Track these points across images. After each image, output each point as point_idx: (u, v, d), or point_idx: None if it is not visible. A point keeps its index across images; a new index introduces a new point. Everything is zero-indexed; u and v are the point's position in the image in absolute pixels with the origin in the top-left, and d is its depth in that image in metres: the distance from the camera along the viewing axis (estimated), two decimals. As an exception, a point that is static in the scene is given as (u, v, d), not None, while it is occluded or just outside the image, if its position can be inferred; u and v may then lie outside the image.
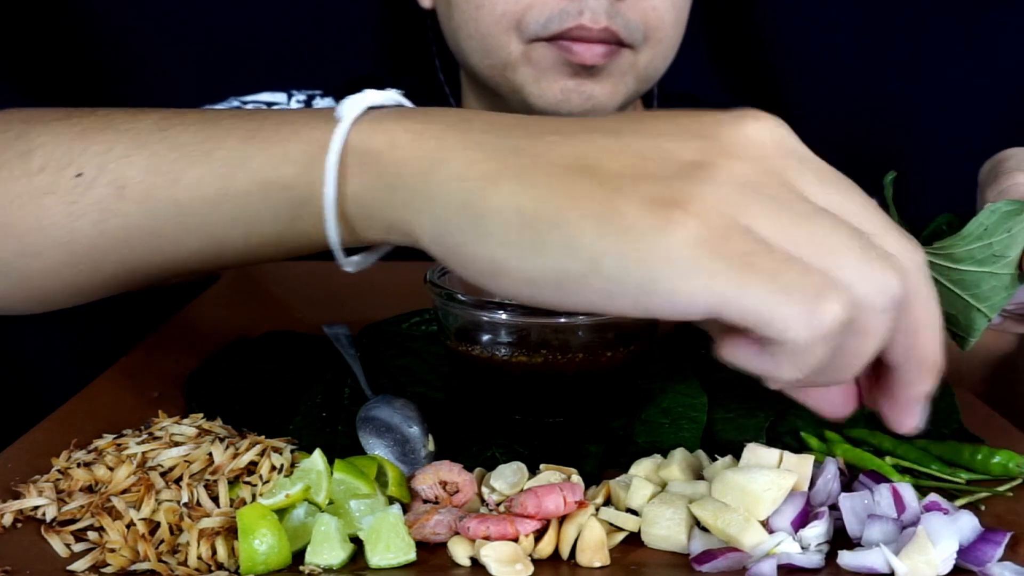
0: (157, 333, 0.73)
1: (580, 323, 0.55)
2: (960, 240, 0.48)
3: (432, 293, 0.58)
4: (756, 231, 0.37)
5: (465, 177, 0.41)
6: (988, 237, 0.47)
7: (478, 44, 0.88)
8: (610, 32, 0.82)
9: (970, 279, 0.48)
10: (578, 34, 0.82)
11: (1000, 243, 0.47)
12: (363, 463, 0.48)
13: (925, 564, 0.41)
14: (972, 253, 0.48)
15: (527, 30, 0.84)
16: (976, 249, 0.47)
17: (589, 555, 0.44)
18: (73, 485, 0.49)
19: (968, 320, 0.50)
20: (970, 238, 0.47)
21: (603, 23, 0.82)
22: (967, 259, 0.48)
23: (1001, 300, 0.49)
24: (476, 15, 0.86)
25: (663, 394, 0.59)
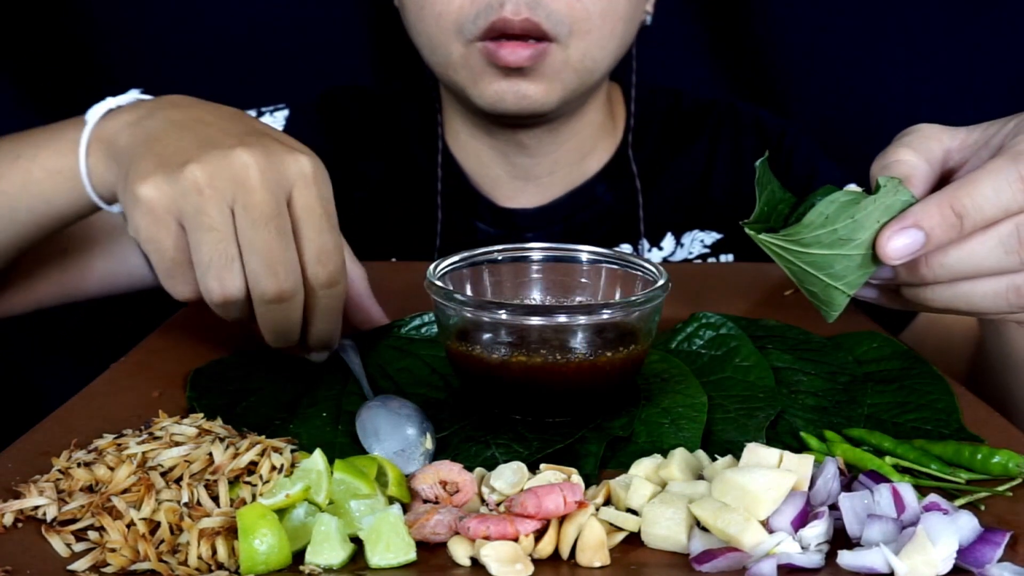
0: (157, 333, 0.73)
1: (580, 323, 0.55)
2: (804, 228, 0.50)
3: (432, 293, 0.58)
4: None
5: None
6: (831, 224, 0.50)
7: (425, 43, 0.91)
8: (532, 23, 0.83)
9: (823, 261, 0.51)
10: (502, 27, 0.84)
11: (845, 228, 0.50)
12: (363, 463, 0.48)
13: (925, 564, 0.41)
14: (819, 239, 0.51)
15: (464, 31, 0.86)
16: (822, 235, 0.50)
17: (589, 555, 0.44)
18: (73, 485, 0.49)
19: (828, 296, 0.53)
20: (813, 226, 0.50)
21: (524, 14, 0.83)
22: (815, 244, 0.51)
23: (858, 278, 0.52)
24: (419, 15, 0.89)
25: (663, 394, 0.59)
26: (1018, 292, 0.51)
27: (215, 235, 0.56)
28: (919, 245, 0.49)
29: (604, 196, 1.00)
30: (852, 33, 1.17)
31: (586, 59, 0.88)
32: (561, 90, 0.89)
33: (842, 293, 0.52)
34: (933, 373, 0.63)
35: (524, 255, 0.65)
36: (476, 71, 0.87)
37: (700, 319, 0.69)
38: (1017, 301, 0.51)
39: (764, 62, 1.20)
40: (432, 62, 0.92)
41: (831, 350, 0.66)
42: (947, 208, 0.49)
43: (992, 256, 0.50)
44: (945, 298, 0.52)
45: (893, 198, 0.50)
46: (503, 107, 0.88)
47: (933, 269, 0.51)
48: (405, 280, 0.75)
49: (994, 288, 0.51)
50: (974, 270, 0.51)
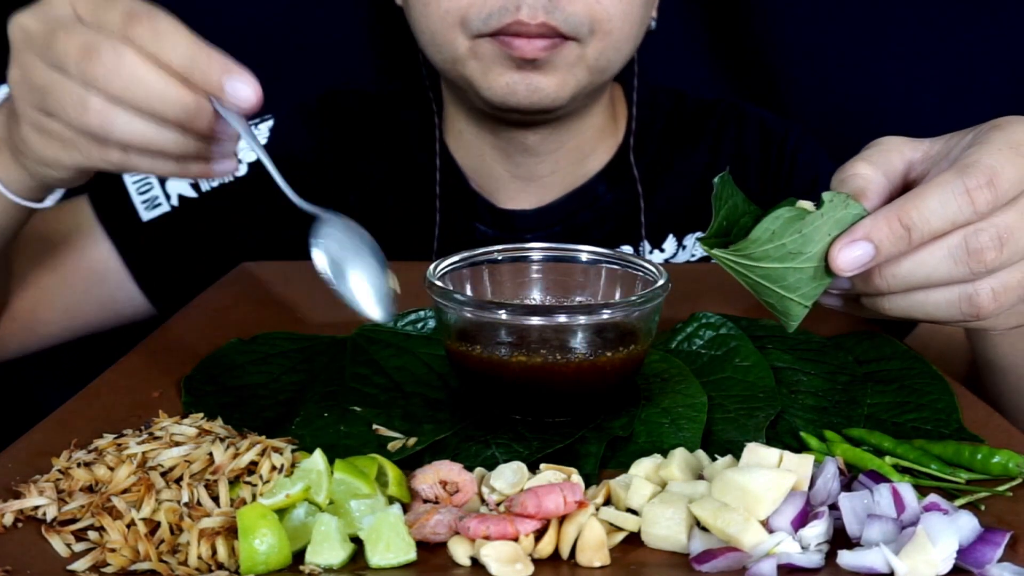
0: (157, 333, 0.73)
1: (580, 323, 0.55)
2: (752, 243, 0.51)
3: (432, 293, 0.58)
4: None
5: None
6: (778, 239, 0.51)
7: (429, 40, 0.90)
8: (549, 27, 0.83)
9: (775, 274, 0.52)
10: (516, 29, 0.83)
11: (793, 243, 0.51)
12: (363, 463, 0.48)
13: (925, 564, 0.41)
14: (768, 253, 0.52)
15: (470, 26, 0.85)
16: (771, 249, 0.52)
17: (589, 555, 0.44)
18: (73, 485, 0.49)
19: (785, 307, 0.54)
20: (760, 241, 0.51)
21: (540, 18, 0.83)
22: (765, 258, 0.52)
23: (813, 289, 0.53)
24: (424, 12, 0.88)
25: (663, 394, 0.59)
26: (970, 301, 0.52)
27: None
28: (869, 257, 0.51)
29: (605, 196, 1.00)
30: (852, 33, 1.17)
31: (601, 59, 0.88)
32: (574, 85, 0.88)
33: (799, 304, 0.53)
34: (933, 373, 0.63)
35: (524, 255, 0.66)
36: (486, 61, 0.86)
37: (700, 319, 0.69)
38: (969, 310, 0.52)
39: (764, 62, 1.20)
40: (437, 59, 0.91)
41: (831, 350, 0.66)
42: (895, 221, 0.50)
43: (942, 266, 0.51)
44: (901, 307, 0.54)
45: (844, 212, 0.51)
46: (514, 100, 0.87)
47: (886, 279, 0.52)
48: (405, 280, 0.75)
49: (947, 297, 0.52)
50: (926, 280, 0.52)
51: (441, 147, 1.01)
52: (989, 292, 0.52)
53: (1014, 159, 0.52)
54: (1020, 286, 0.53)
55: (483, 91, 0.88)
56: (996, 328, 0.58)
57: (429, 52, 0.92)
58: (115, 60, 0.54)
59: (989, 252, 0.51)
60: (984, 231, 0.51)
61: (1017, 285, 0.52)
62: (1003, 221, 0.51)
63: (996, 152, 0.52)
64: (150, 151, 0.57)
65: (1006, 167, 0.51)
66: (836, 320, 0.73)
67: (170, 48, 0.54)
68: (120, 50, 0.54)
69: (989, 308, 0.52)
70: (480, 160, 1.00)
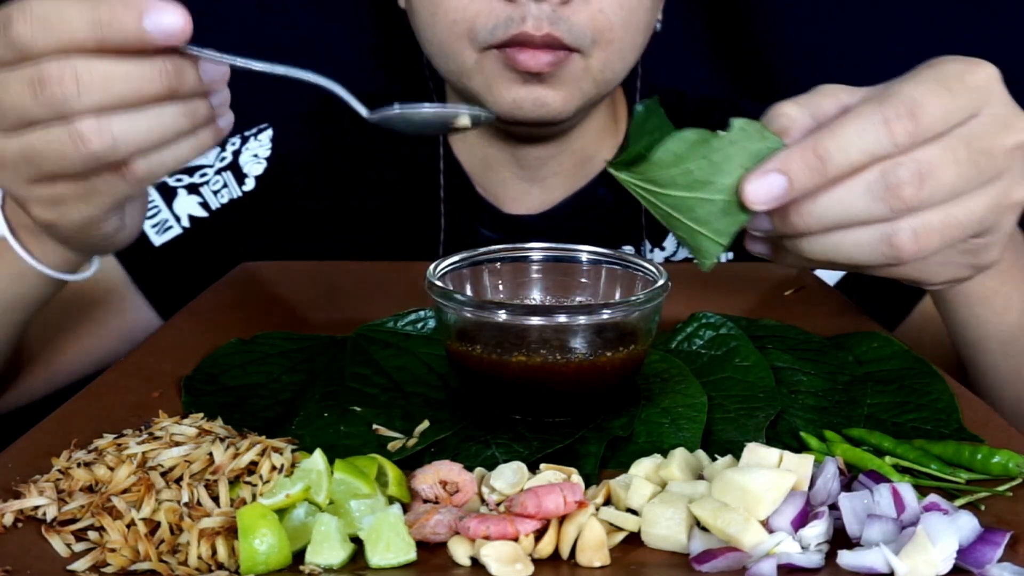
0: (157, 333, 0.73)
1: (580, 323, 0.55)
2: (654, 166, 0.48)
3: (432, 293, 0.58)
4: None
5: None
6: (683, 163, 0.48)
7: (437, 50, 0.89)
8: (553, 38, 0.82)
9: (683, 204, 0.49)
10: (522, 40, 0.82)
11: (700, 170, 0.48)
12: (363, 463, 0.48)
13: (925, 564, 0.41)
14: (674, 179, 0.48)
15: (478, 38, 0.84)
16: (676, 175, 0.48)
17: (589, 555, 0.44)
18: (73, 485, 0.49)
19: (697, 243, 0.51)
20: (663, 163, 0.48)
21: (546, 29, 0.82)
22: (671, 184, 0.49)
23: (727, 225, 0.50)
24: (432, 22, 0.87)
25: (663, 394, 0.59)
26: (889, 242, 0.50)
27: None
28: (782, 190, 0.48)
29: (606, 197, 1.00)
30: (852, 33, 1.17)
31: (606, 70, 0.87)
32: (580, 98, 0.88)
33: (712, 242, 0.50)
34: (933, 373, 0.63)
35: (524, 255, 0.66)
36: (492, 76, 0.86)
37: (700, 319, 0.69)
38: (889, 251, 0.50)
39: (764, 62, 1.20)
40: (444, 69, 0.91)
41: (831, 350, 0.66)
42: (810, 152, 0.48)
43: (860, 202, 0.49)
44: (821, 249, 0.51)
45: (760, 144, 0.49)
46: (521, 115, 0.87)
47: (804, 217, 0.50)
48: (405, 280, 0.75)
49: (867, 238, 0.50)
50: (844, 218, 0.50)
51: (445, 149, 1.01)
52: (909, 232, 0.49)
53: (940, 92, 0.49)
54: (944, 229, 0.50)
55: (489, 105, 0.88)
56: (930, 282, 0.56)
57: (436, 62, 0.91)
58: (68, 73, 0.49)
59: (908, 187, 0.48)
60: (903, 165, 0.48)
61: (941, 227, 0.50)
62: (924, 156, 0.49)
63: (921, 85, 0.50)
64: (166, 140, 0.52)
65: (930, 100, 0.49)
66: (836, 320, 0.73)
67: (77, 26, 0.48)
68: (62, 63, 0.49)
69: (909, 250, 0.50)
70: (484, 162, 1.00)
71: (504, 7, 0.82)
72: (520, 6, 0.82)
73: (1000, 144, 0.51)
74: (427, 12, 0.87)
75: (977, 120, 0.51)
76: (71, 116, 0.49)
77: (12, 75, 0.49)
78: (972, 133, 0.50)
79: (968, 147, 0.50)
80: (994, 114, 0.51)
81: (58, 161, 0.51)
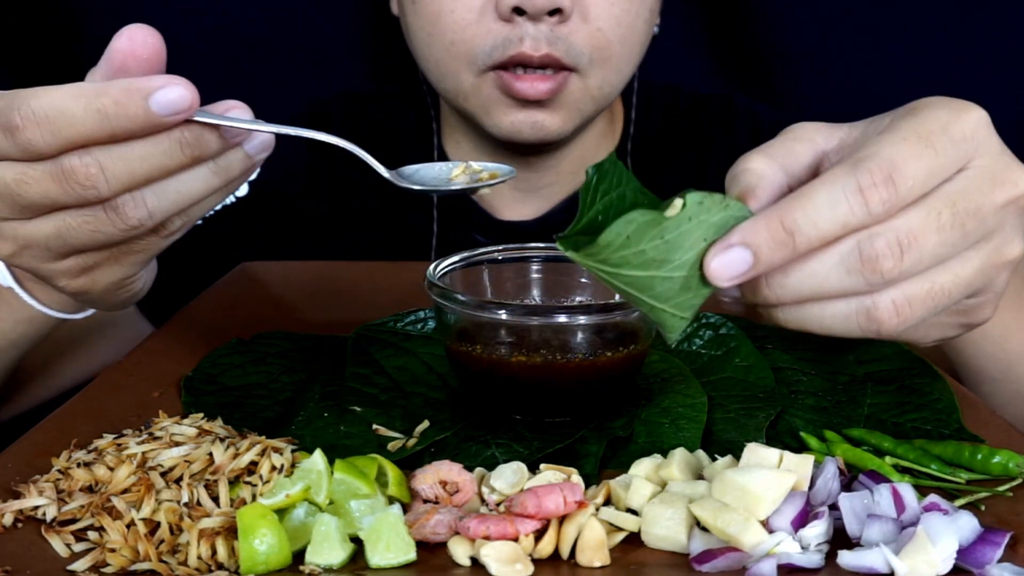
0: (157, 333, 0.73)
1: (580, 323, 0.55)
2: (603, 248, 0.44)
3: (432, 293, 0.58)
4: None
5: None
6: (635, 245, 0.44)
7: (433, 68, 0.88)
8: (552, 58, 0.81)
9: (640, 283, 0.45)
10: (520, 61, 0.82)
11: (655, 250, 0.44)
12: (363, 463, 0.48)
13: (925, 564, 0.41)
14: (626, 259, 0.44)
15: (476, 61, 0.83)
16: (629, 256, 0.44)
17: (589, 555, 0.44)
18: (73, 485, 0.48)
19: (660, 319, 0.47)
20: (613, 246, 0.43)
21: (544, 50, 0.81)
22: (624, 264, 0.44)
23: (689, 300, 0.46)
24: (428, 42, 0.86)
25: (663, 394, 0.59)
26: (868, 315, 0.45)
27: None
28: (747, 266, 0.44)
29: None
30: (851, 31, 1.17)
31: (604, 86, 0.87)
32: (579, 118, 0.87)
33: (676, 317, 0.46)
34: (933, 373, 0.63)
35: (524, 255, 0.66)
36: (490, 100, 0.85)
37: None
38: (868, 325, 0.46)
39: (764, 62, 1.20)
40: (440, 88, 0.90)
41: (831, 350, 0.66)
42: (777, 224, 0.43)
43: (834, 276, 0.44)
44: (796, 319, 0.47)
45: (722, 214, 0.44)
46: (519, 138, 0.86)
47: (774, 290, 0.45)
48: (405, 280, 0.75)
49: (844, 311, 0.46)
50: (818, 291, 0.45)
51: (439, 154, 1.00)
52: (890, 306, 0.45)
53: (920, 152, 0.44)
54: (929, 298, 0.45)
55: (488, 127, 0.87)
56: (918, 343, 0.52)
57: (432, 79, 0.90)
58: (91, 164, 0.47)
59: (886, 260, 0.43)
60: (880, 236, 0.43)
61: (925, 297, 0.45)
62: (904, 225, 0.44)
63: (900, 143, 0.44)
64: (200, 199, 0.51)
65: (909, 161, 0.44)
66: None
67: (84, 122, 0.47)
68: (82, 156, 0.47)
69: (890, 324, 0.45)
70: None
71: (502, 28, 0.82)
72: (518, 26, 0.81)
73: (990, 202, 0.46)
74: (424, 32, 0.86)
75: (963, 175, 0.46)
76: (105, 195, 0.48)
77: (33, 170, 0.48)
78: (957, 192, 0.45)
79: (953, 209, 0.45)
80: (983, 167, 0.46)
81: (95, 236, 0.50)
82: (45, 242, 0.51)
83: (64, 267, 0.52)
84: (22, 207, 0.49)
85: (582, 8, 0.83)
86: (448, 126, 1.01)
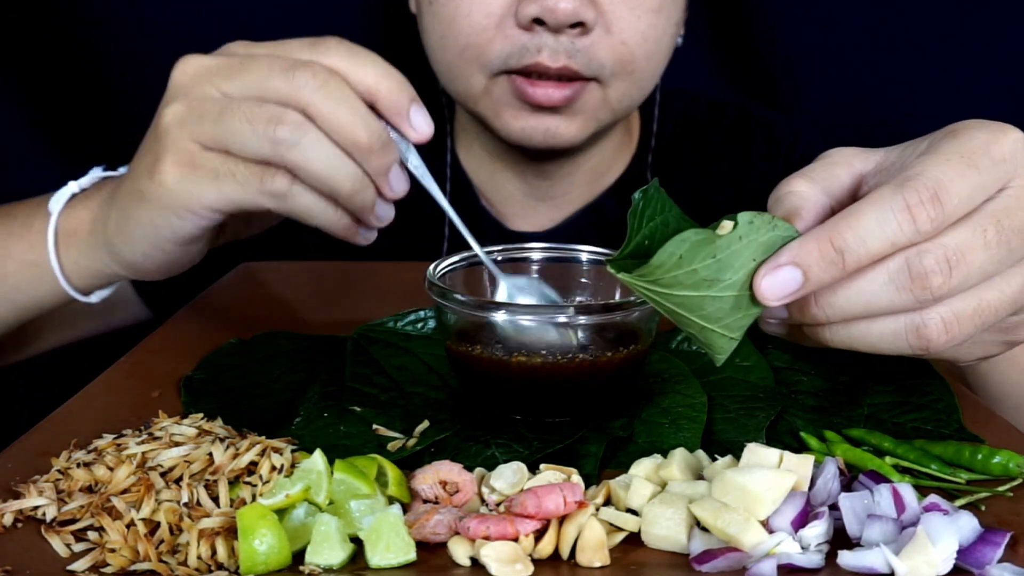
0: (157, 333, 0.73)
1: (580, 323, 0.55)
2: (656, 269, 0.45)
3: (432, 293, 0.58)
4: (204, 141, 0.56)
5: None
6: (687, 265, 0.45)
7: (445, 71, 0.87)
8: (570, 70, 0.79)
9: (691, 303, 0.46)
10: (536, 70, 0.80)
11: (707, 269, 0.45)
12: (363, 463, 0.48)
13: (925, 564, 0.41)
14: (678, 279, 0.45)
15: (489, 65, 0.81)
16: (681, 276, 0.45)
17: (589, 555, 0.44)
18: (73, 485, 0.48)
19: (709, 339, 0.48)
20: (666, 266, 0.45)
21: (563, 62, 0.79)
22: (676, 285, 0.46)
23: (738, 320, 0.47)
24: (441, 44, 0.84)
25: (663, 394, 0.59)
26: (917, 333, 0.46)
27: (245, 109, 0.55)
28: (797, 284, 0.45)
29: (613, 212, 0.97)
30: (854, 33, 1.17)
31: (624, 99, 0.85)
32: (595, 126, 0.85)
33: (724, 336, 0.47)
34: (933, 373, 0.63)
35: (524, 255, 0.65)
36: (501, 103, 0.83)
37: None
38: (917, 343, 0.47)
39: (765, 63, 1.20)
40: (452, 90, 0.88)
41: (831, 350, 0.66)
42: (826, 243, 0.45)
43: (883, 294, 0.46)
44: (843, 338, 0.48)
45: (771, 234, 0.46)
46: (530, 143, 0.84)
47: (823, 309, 0.47)
48: (405, 280, 0.75)
49: (892, 328, 0.47)
50: (867, 309, 0.46)
51: (452, 158, 0.98)
52: (939, 323, 0.46)
53: (964, 171, 0.46)
54: (976, 315, 0.47)
55: (497, 130, 0.86)
56: (960, 360, 0.53)
57: (443, 82, 0.89)
58: (323, 77, 0.53)
59: (935, 277, 0.45)
60: (929, 253, 0.45)
61: (973, 314, 0.46)
62: (952, 242, 0.45)
63: (943, 163, 0.46)
64: (320, 184, 0.55)
65: (954, 180, 0.45)
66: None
67: (363, 68, 0.54)
68: (325, 71, 0.54)
69: (939, 341, 0.47)
70: (491, 177, 0.97)
71: (519, 35, 0.79)
72: (537, 36, 0.79)
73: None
74: (436, 34, 0.84)
75: (1005, 194, 0.47)
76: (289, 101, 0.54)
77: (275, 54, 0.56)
78: (1001, 210, 0.46)
79: (998, 226, 0.46)
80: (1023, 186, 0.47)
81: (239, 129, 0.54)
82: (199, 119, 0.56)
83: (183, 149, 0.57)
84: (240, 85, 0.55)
85: (606, 21, 0.81)
86: (462, 131, 0.99)
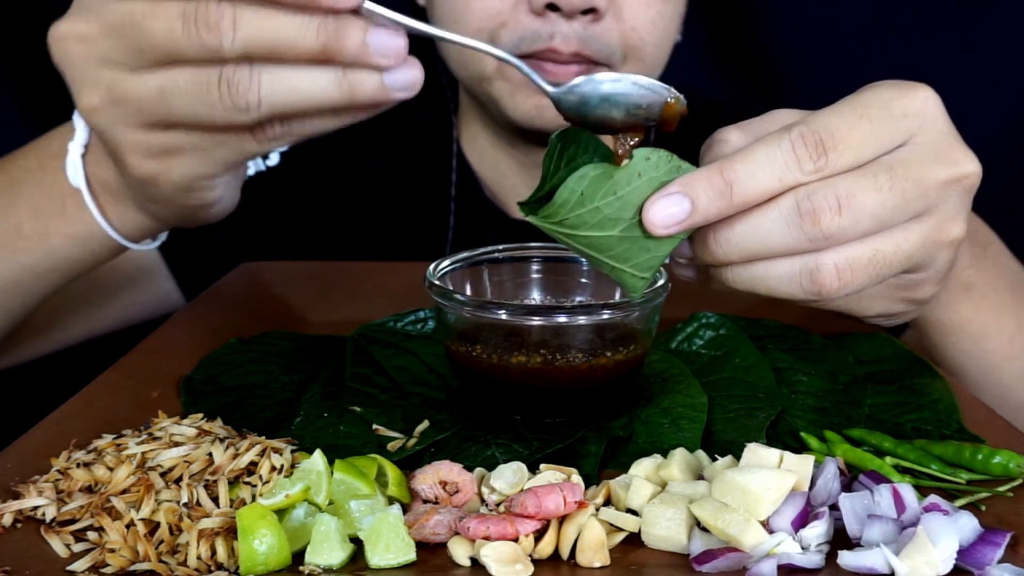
0: (157, 333, 0.73)
1: (580, 323, 0.55)
2: (559, 208, 0.45)
3: (432, 293, 0.58)
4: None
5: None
6: (589, 203, 0.45)
7: (456, 55, 0.88)
8: (582, 56, 0.81)
9: (599, 243, 0.46)
10: (548, 56, 0.81)
11: (609, 207, 0.45)
12: (363, 463, 0.48)
13: (925, 564, 0.41)
14: (583, 219, 0.45)
15: (501, 47, 0.83)
16: (585, 215, 0.45)
17: (589, 555, 0.44)
18: (73, 485, 0.48)
19: (621, 279, 0.48)
20: (569, 204, 0.45)
21: (574, 47, 0.80)
22: (582, 225, 0.46)
23: (648, 260, 0.47)
24: (453, 29, 0.84)
25: (663, 394, 0.59)
26: (811, 277, 0.47)
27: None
28: (684, 213, 0.46)
29: None
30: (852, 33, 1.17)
31: None
32: None
33: (636, 277, 0.48)
34: (933, 373, 0.63)
35: (524, 255, 0.66)
36: (515, 83, 0.84)
37: (700, 319, 0.69)
38: (810, 287, 0.48)
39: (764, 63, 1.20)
40: (463, 75, 0.89)
41: (831, 350, 0.66)
42: (716, 174, 0.46)
43: (776, 230, 0.46)
44: (744, 280, 0.49)
45: (673, 175, 0.46)
46: (540, 123, 0.85)
47: (721, 245, 0.48)
48: (405, 280, 0.75)
49: (788, 271, 0.48)
50: (763, 247, 0.47)
51: (457, 150, 0.99)
52: (832, 269, 0.47)
53: (855, 122, 0.47)
54: (871, 265, 0.48)
55: (508, 111, 0.86)
56: (861, 314, 0.53)
57: (454, 67, 0.90)
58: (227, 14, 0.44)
59: (824, 214, 0.46)
60: (817, 192, 0.46)
61: (867, 264, 0.47)
62: (842, 183, 0.46)
63: (835, 114, 0.47)
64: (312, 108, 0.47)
65: (841, 128, 0.47)
66: (836, 320, 0.73)
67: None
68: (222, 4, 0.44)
69: (831, 287, 0.47)
70: (494, 167, 0.98)
71: (532, 21, 0.80)
72: (549, 22, 0.80)
73: (931, 176, 0.48)
74: (450, 19, 0.85)
75: (904, 149, 0.48)
76: (221, 61, 0.45)
77: (164, 6, 0.45)
78: (897, 161, 0.47)
79: (891, 174, 0.47)
80: (925, 143, 0.49)
81: (196, 109, 0.46)
82: (140, 101, 0.47)
83: (143, 140, 0.49)
84: (139, 49, 0.46)
85: (616, 8, 0.82)
86: (466, 119, 1.00)
